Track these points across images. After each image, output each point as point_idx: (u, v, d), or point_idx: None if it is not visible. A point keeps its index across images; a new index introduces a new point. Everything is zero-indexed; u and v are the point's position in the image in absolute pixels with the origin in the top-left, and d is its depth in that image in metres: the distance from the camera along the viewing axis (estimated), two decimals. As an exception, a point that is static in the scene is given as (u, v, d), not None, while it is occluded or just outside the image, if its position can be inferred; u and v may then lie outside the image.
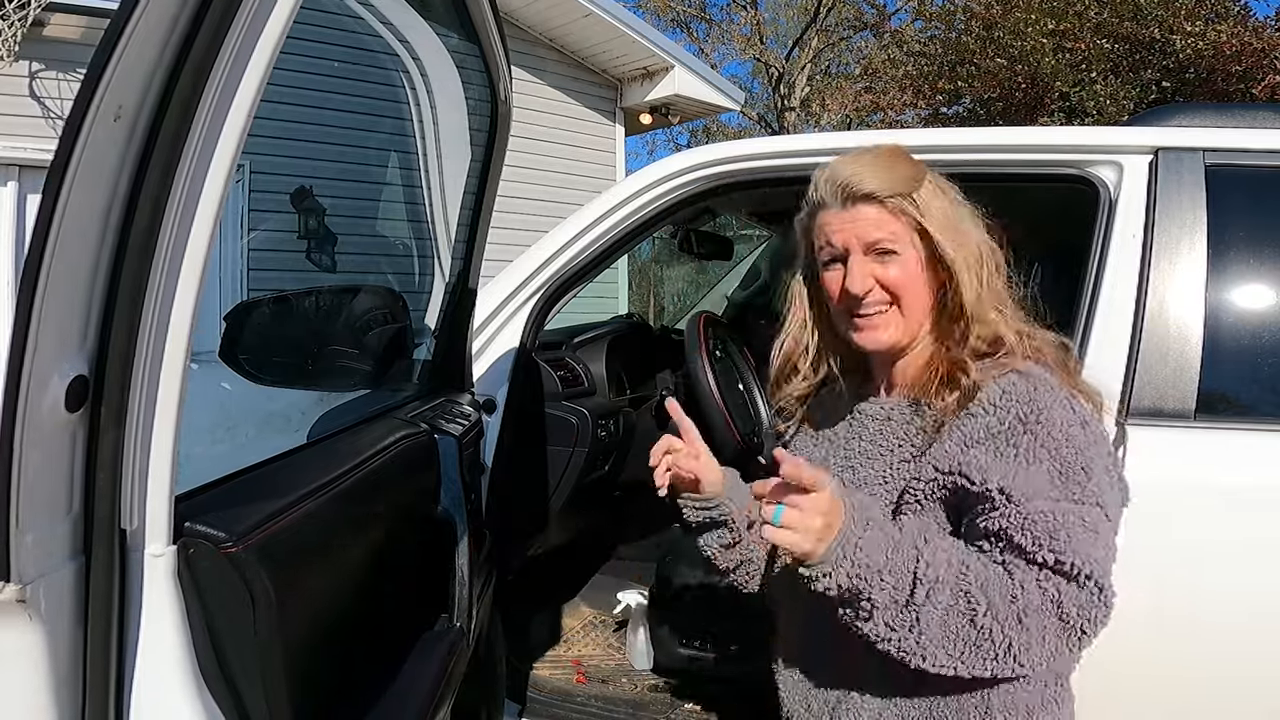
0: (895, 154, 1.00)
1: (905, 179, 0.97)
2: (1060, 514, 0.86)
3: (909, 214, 0.97)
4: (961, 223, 0.99)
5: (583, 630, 2.32)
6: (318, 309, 1.47)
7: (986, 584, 0.85)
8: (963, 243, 0.97)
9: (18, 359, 0.60)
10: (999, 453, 0.89)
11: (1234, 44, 6.75)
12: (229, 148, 0.70)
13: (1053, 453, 0.88)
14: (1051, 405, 0.90)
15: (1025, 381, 0.92)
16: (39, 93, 4.81)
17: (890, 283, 0.98)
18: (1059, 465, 0.88)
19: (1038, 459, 0.88)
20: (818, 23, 14.38)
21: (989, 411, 0.91)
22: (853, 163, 0.99)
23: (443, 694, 1.10)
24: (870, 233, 0.98)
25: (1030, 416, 0.89)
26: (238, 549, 0.76)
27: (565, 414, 2.01)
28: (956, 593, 0.85)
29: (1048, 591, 0.84)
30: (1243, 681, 1.37)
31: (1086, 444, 0.90)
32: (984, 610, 0.84)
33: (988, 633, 0.84)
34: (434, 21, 1.47)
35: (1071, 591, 0.84)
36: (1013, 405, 0.90)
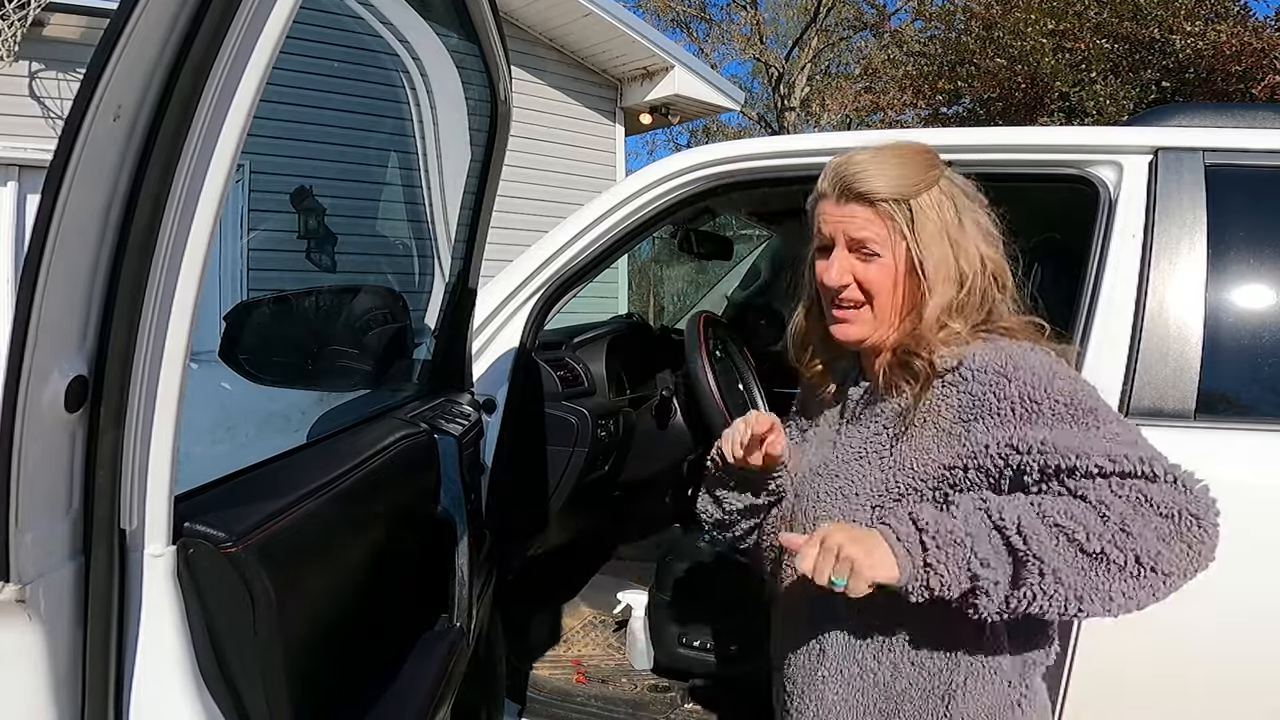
0: (907, 155, 1.00)
1: (906, 184, 0.98)
2: (1088, 437, 0.86)
3: (897, 220, 0.97)
4: (960, 235, 0.98)
5: (583, 630, 2.32)
6: (318, 309, 1.47)
7: (1070, 512, 0.83)
8: (947, 257, 0.97)
9: (17, 358, 0.60)
10: (995, 413, 0.90)
11: (1234, 44, 6.75)
12: (229, 147, 0.70)
13: (1046, 390, 0.89)
14: (1024, 354, 0.93)
15: (994, 346, 0.95)
16: (39, 93, 4.81)
17: (867, 282, 1.00)
18: (1058, 401, 0.89)
19: (1035, 401, 0.89)
20: (818, 23, 14.38)
21: (969, 378, 0.93)
22: (861, 159, 1.00)
23: (443, 694, 1.10)
24: (855, 231, 0.99)
25: (1008, 368, 0.91)
26: (237, 549, 0.76)
27: (565, 414, 2.01)
28: (1051, 532, 0.83)
29: (1130, 496, 0.82)
30: (1243, 682, 1.38)
31: (1070, 377, 0.92)
32: (1085, 535, 0.82)
33: (1105, 556, 0.81)
34: (434, 21, 1.47)
35: (1152, 489, 0.83)
36: (989, 365, 0.92)
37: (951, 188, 1.01)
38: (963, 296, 0.97)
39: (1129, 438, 0.87)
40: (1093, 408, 0.89)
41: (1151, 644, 1.38)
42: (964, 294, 0.97)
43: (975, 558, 0.84)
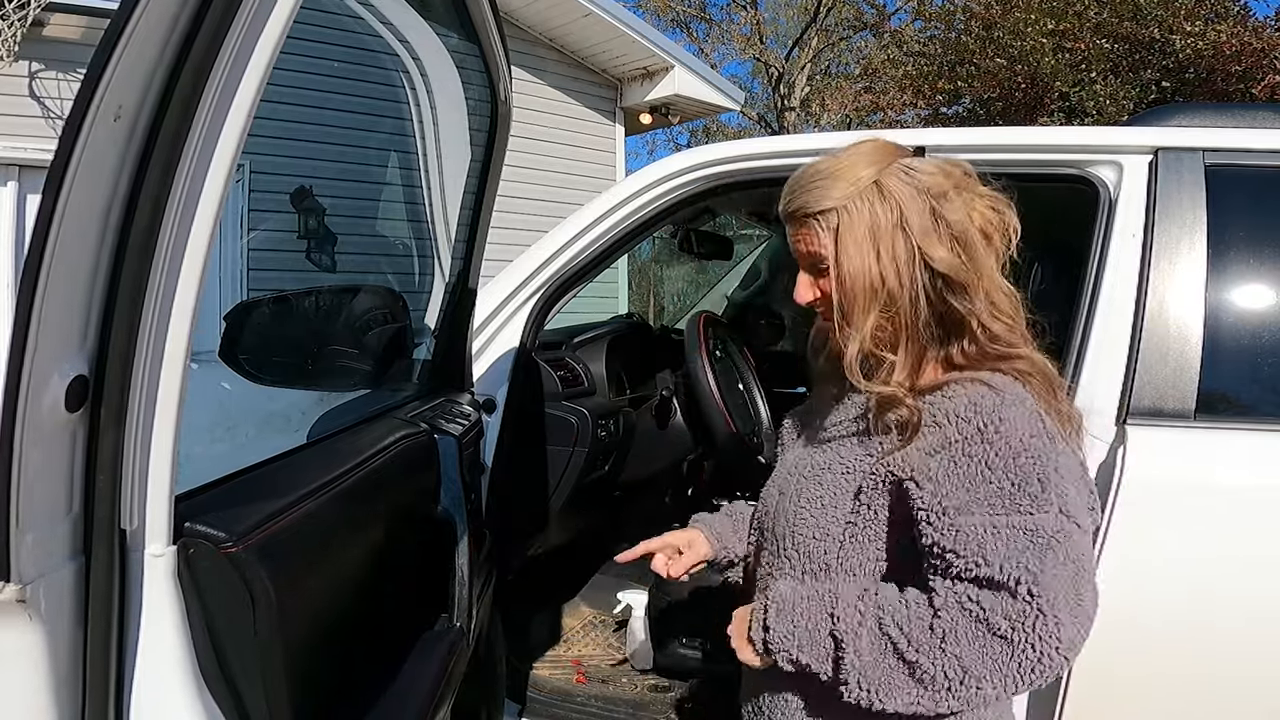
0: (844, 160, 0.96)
1: (832, 192, 0.94)
2: (998, 527, 0.83)
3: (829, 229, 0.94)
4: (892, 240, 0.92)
5: (583, 630, 2.32)
6: (318, 309, 1.47)
7: (903, 619, 0.85)
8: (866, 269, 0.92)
9: (18, 359, 0.60)
10: (954, 461, 0.87)
11: (1234, 44, 6.75)
12: (229, 147, 0.70)
13: (1007, 462, 0.85)
14: (1015, 418, 0.87)
15: (993, 395, 0.88)
16: (39, 93, 4.81)
17: (825, 298, 0.98)
18: (1011, 475, 0.84)
19: (990, 468, 0.85)
20: (818, 23, 14.38)
21: (950, 423, 0.88)
22: (798, 176, 0.99)
23: (443, 694, 1.10)
24: (800, 248, 0.99)
25: (989, 427, 0.86)
26: (238, 549, 0.76)
27: (565, 414, 2.01)
28: (874, 635, 0.87)
29: (970, 610, 0.82)
30: (1243, 682, 1.37)
31: (1045, 454, 0.86)
32: (905, 644, 0.84)
33: (920, 666, 0.84)
34: (434, 21, 1.47)
35: (1000, 603, 0.81)
36: (975, 417, 0.87)
37: (897, 183, 0.93)
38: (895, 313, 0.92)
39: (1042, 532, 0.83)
40: (1033, 494, 0.84)
41: (1152, 644, 1.38)
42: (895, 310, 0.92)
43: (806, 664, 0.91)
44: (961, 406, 0.88)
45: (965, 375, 0.92)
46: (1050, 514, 0.83)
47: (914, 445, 0.90)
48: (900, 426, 0.91)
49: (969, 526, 0.84)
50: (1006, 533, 0.83)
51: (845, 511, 0.96)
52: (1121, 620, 1.35)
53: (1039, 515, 0.83)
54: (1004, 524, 0.83)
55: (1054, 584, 0.80)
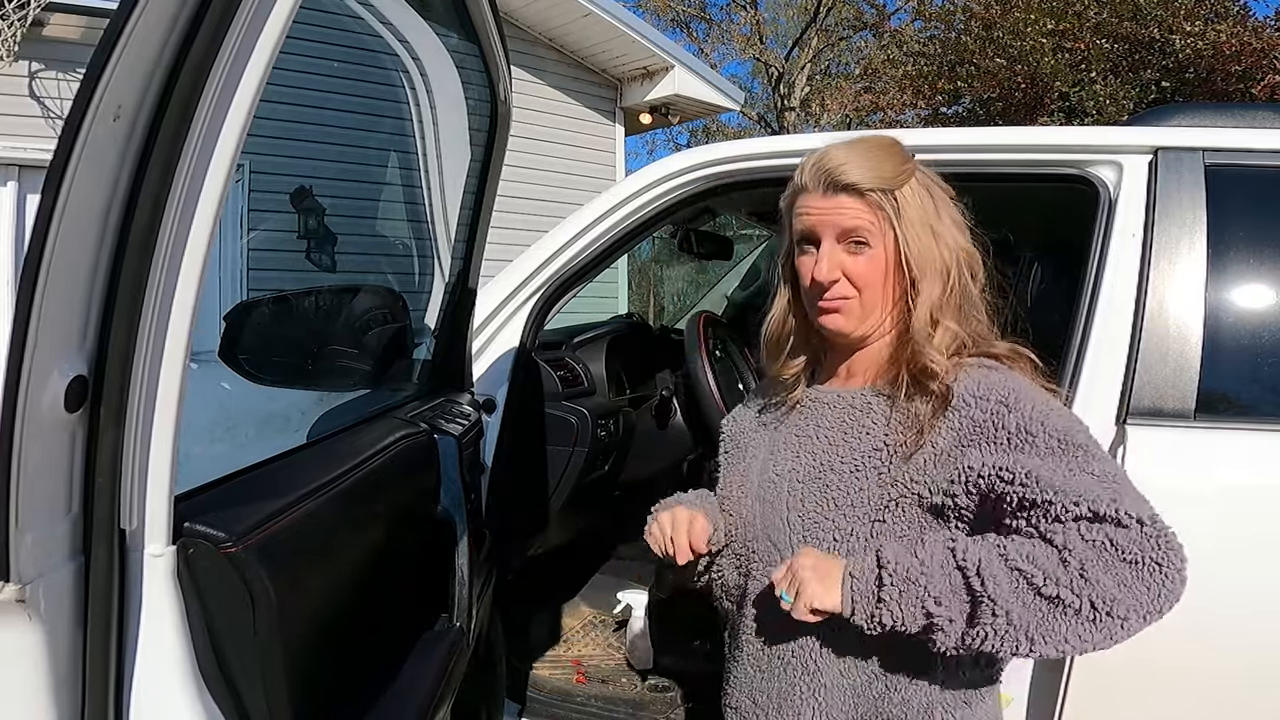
0: (885, 147, 1.00)
1: (890, 173, 0.97)
2: (1078, 474, 0.87)
3: (886, 210, 0.96)
4: (940, 226, 0.98)
5: (583, 630, 2.32)
6: (318, 309, 1.47)
7: (1032, 556, 0.85)
8: (931, 247, 0.97)
9: (17, 358, 0.60)
10: (992, 440, 0.90)
11: (1233, 44, 6.75)
12: (229, 147, 0.70)
13: (1043, 423, 0.89)
14: (1025, 386, 0.94)
15: (996, 371, 0.95)
16: (39, 93, 4.81)
17: (856, 275, 0.98)
18: (1055, 434, 0.89)
19: (1030, 434, 0.89)
20: (817, 23, 14.38)
21: (971, 404, 0.92)
22: (842, 150, 0.99)
23: (443, 694, 1.10)
24: (844, 222, 0.98)
25: (1011, 398, 0.91)
26: (237, 549, 0.76)
27: (565, 414, 2.01)
28: (1010, 573, 0.85)
29: (1096, 541, 0.83)
30: (1243, 681, 1.37)
31: (1065, 413, 0.93)
32: (1042, 579, 0.84)
33: (1061, 600, 0.83)
34: (434, 21, 1.47)
35: (1122, 536, 0.83)
36: (992, 393, 0.92)
37: (925, 179, 1.00)
38: (949, 290, 0.97)
39: (1110, 480, 0.87)
40: (1083, 444, 0.89)
41: (1152, 644, 1.38)
42: (949, 286, 0.97)
43: (930, 596, 0.87)
44: (974, 385, 0.93)
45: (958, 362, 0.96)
46: (1104, 461, 0.89)
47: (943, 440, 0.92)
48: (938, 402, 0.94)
49: (1056, 478, 0.86)
50: (1089, 479, 0.86)
51: (865, 507, 0.96)
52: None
53: (1098, 463, 0.88)
54: (1081, 471, 0.87)
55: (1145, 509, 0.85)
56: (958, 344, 0.97)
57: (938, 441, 0.93)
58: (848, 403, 1.03)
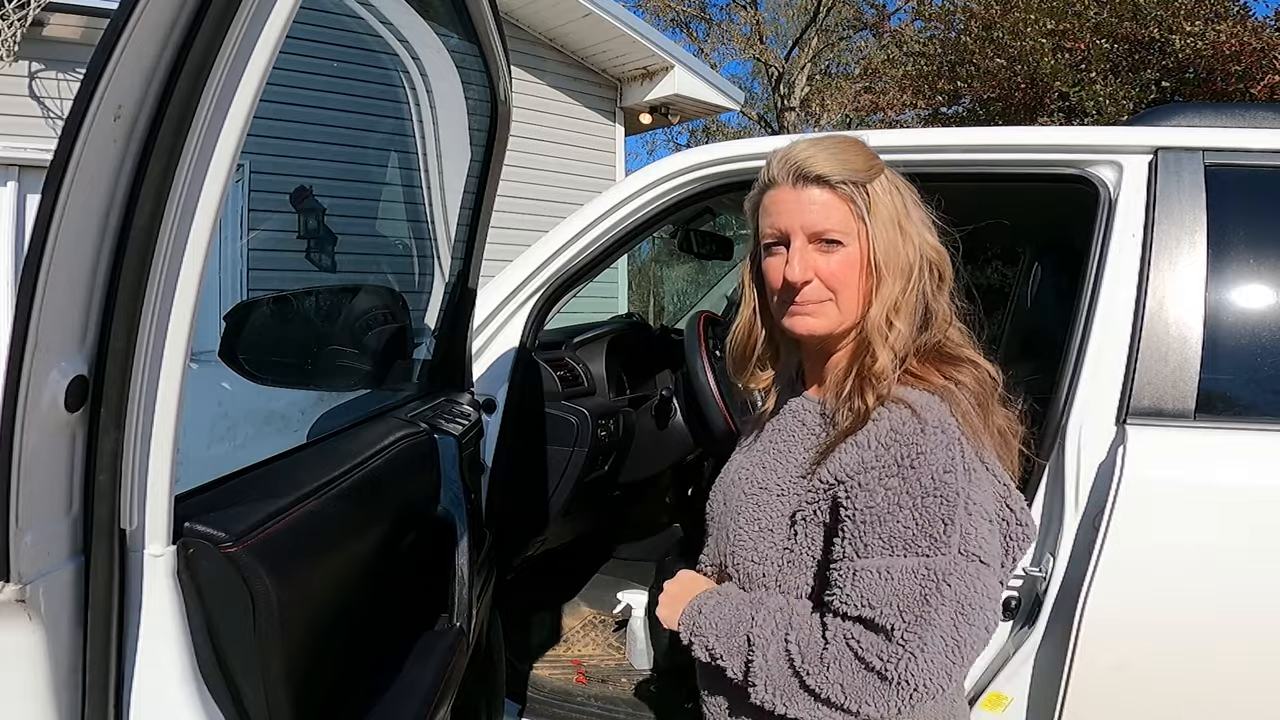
0: (853, 143, 0.97)
1: (860, 167, 0.94)
2: (891, 570, 0.85)
3: (857, 204, 0.93)
4: (908, 224, 0.95)
5: (583, 630, 2.32)
6: (318, 309, 1.47)
7: (804, 640, 0.90)
8: (898, 245, 0.93)
9: (17, 358, 0.60)
10: (870, 491, 0.87)
11: (1233, 44, 6.75)
12: (228, 147, 0.70)
13: (917, 502, 0.85)
14: (934, 449, 0.87)
15: (915, 422, 0.88)
16: (39, 92, 4.81)
17: (828, 276, 0.94)
18: (917, 517, 0.85)
19: (900, 506, 0.86)
20: (817, 23, 14.38)
21: (871, 447, 0.88)
22: (810, 145, 0.95)
23: (443, 694, 1.10)
24: (816, 221, 0.93)
25: (907, 459, 0.86)
26: (237, 549, 0.76)
27: (565, 414, 2.01)
28: (781, 648, 0.91)
29: (852, 647, 0.87)
30: (1243, 681, 1.37)
31: (956, 492, 0.86)
32: (800, 662, 0.89)
33: (810, 686, 0.89)
34: (434, 21, 1.47)
35: (877, 644, 0.85)
36: (894, 446, 0.87)
37: (894, 177, 0.97)
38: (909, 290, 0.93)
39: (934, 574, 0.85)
40: (935, 535, 0.85)
41: (1151, 644, 1.38)
42: (909, 287, 0.93)
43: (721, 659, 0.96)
44: (884, 431, 0.88)
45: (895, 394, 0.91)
46: (947, 555, 0.85)
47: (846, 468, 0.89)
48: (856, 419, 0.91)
49: (864, 569, 0.87)
50: (898, 575, 0.85)
51: (782, 537, 0.96)
52: (1121, 620, 1.35)
53: (934, 557, 0.85)
54: (898, 567, 0.86)
55: (930, 627, 0.84)
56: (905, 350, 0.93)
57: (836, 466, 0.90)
58: (806, 412, 1.00)
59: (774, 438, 1.02)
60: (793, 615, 0.93)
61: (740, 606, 0.96)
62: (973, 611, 0.86)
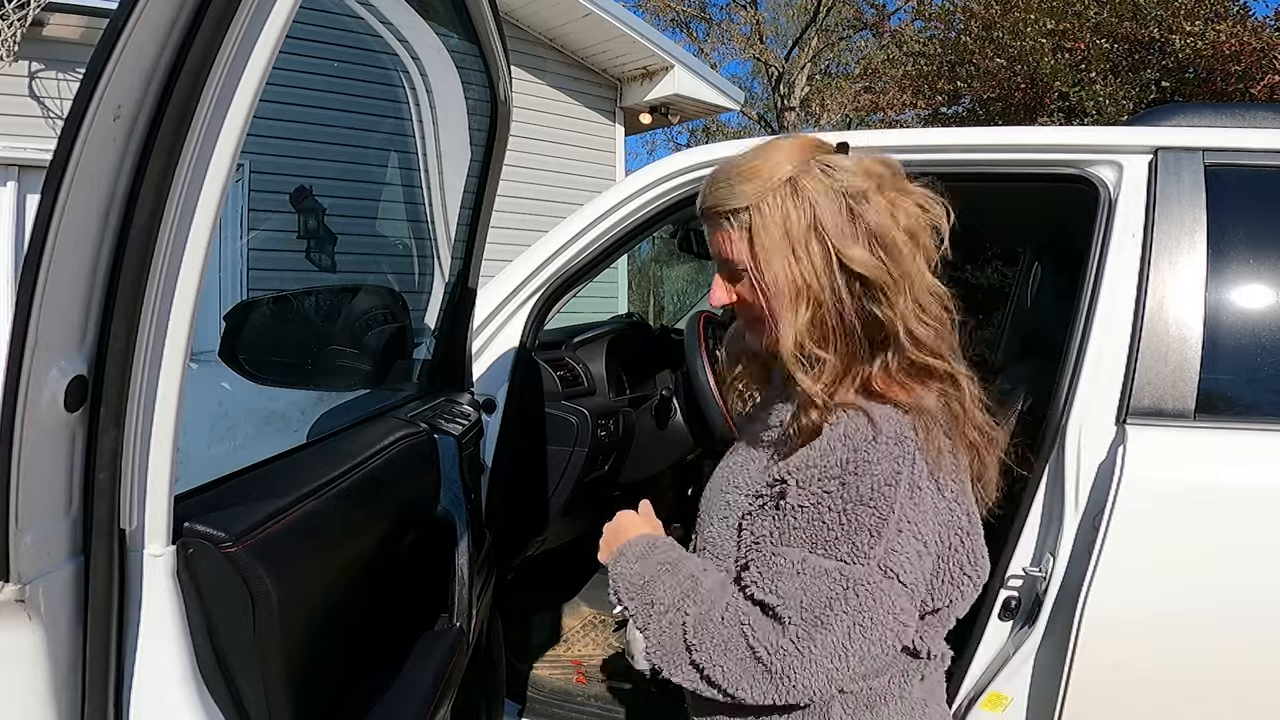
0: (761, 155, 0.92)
1: (749, 190, 0.89)
2: (805, 565, 0.85)
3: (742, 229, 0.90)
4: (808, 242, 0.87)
5: (583, 630, 2.32)
6: (317, 309, 1.48)
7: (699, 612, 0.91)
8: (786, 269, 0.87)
9: (17, 358, 0.60)
10: (806, 486, 0.86)
11: (1233, 44, 6.75)
12: (228, 147, 0.70)
13: (850, 508, 0.84)
14: (879, 460, 0.84)
15: (868, 429, 0.86)
16: (38, 92, 4.81)
17: (741, 299, 0.95)
18: (846, 522, 0.84)
19: (830, 509, 0.84)
20: (817, 23, 14.39)
21: (819, 448, 0.87)
22: (715, 171, 0.95)
23: (443, 693, 1.10)
24: (718, 249, 0.95)
25: (850, 465, 0.84)
26: (237, 549, 0.76)
27: (565, 414, 2.01)
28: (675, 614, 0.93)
29: (743, 629, 0.87)
30: (1243, 681, 1.37)
31: (893, 507, 0.84)
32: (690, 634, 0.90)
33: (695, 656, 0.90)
34: (434, 21, 1.47)
35: (768, 633, 0.86)
36: (841, 450, 0.85)
37: (814, 183, 0.88)
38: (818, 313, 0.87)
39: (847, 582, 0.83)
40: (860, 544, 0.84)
41: (1152, 644, 1.38)
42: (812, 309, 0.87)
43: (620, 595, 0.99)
44: (837, 435, 0.86)
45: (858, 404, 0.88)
46: (865, 566, 0.83)
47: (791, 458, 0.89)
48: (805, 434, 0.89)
49: (781, 559, 0.86)
50: (810, 573, 0.84)
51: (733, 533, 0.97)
52: (1121, 620, 1.35)
53: (851, 565, 0.84)
54: (812, 565, 0.85)
55: (824, 631, 0.83)
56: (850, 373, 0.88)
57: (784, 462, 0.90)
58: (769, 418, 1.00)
59: (751, 439, 1.03)
60: (699, 588, 0.94)
61: (659, 565, 0.98)
62: (872, 627, 0.84)
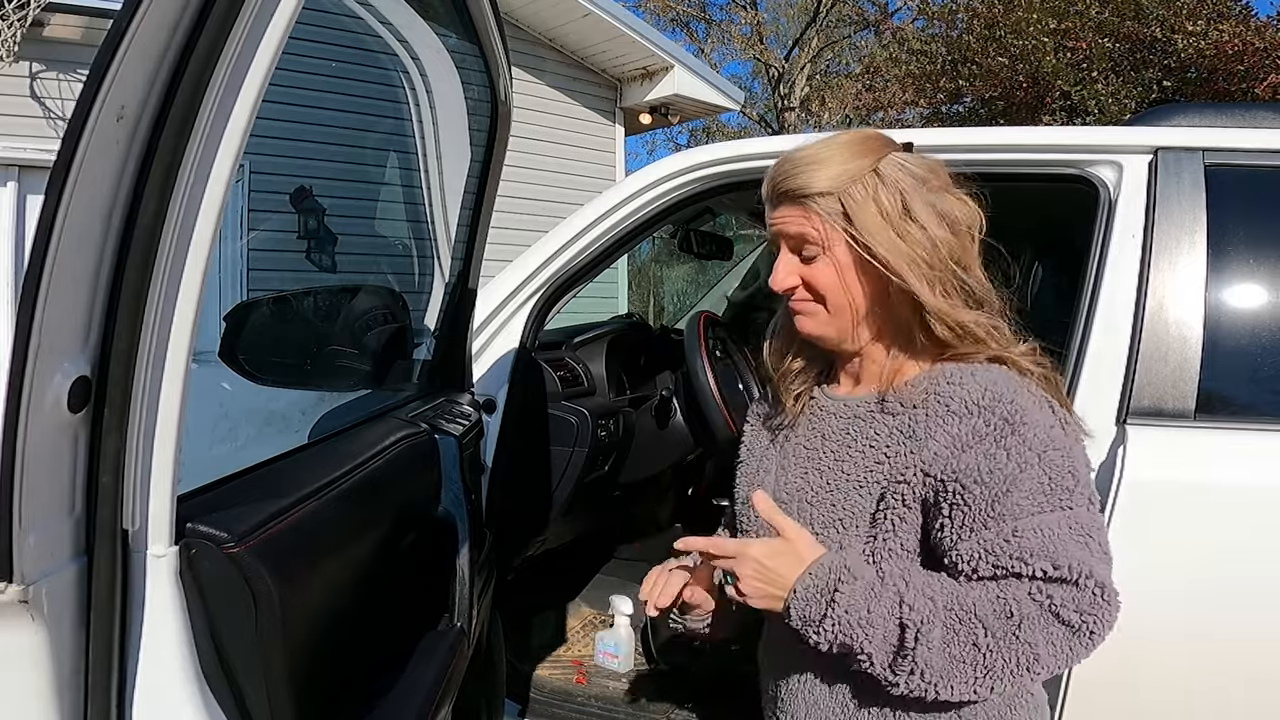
0: (839, 146, 0.96)
1: (831, 175, 0.94)
2: (1049, 525, 0.86)
3: (830, 214, 0.94)
4: (906, 224, 0.93)
5: (583, 630, 2.32)
6: (317, 309, 1.48)
7: (979, 607, 0.86)
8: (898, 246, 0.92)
9: (20, 359, 0.60)
10: (990, 456, 0.88)
11: (1236, 43, 6.75)
12: (231, 148, 0.70)
13: (1040, 455, 0.87)
14: (1032, 406, 0.90)
15: (1006, 381, 0.91)
16: (39, 93, 4.82)
17: (813, 281, 0.97)
18: (1046, 471, 0.87)
19: (1027, 463, 0.87)
20: (818, 22, 14.39)
21: (974, 413, 0.89)
22: (790, 159, 0.97)
23: (443, 694, 1.10)
24: (791, 235, 0.98)
25: (1015, 417, 0.88)
26: (239, 549, 0.76)
27: (565, 414, 2.01)
28: (950, 625, 0.86)
29: (1042, 602, 0.85)
30: (1242, 682, 1.38)
31: (1069, 446, 0.90)
32: (983, 633, 0.85)
33: (994, 654, 0.85)
34: (434, 21, 1.47)
35: (1069, 595, 0.85)
36: (998, 406, 0.89)
37: (896, 172, 0.94)
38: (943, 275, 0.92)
39: (1083, 526, 0.87)
40: (1069, 488, 0.88)
41: (1151, 645, 1.38)
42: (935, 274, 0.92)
43: (862, 645, 0.87)
44: (979, 394, 0.90)
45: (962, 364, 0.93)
46: (1084, 507, 0.88)
47: (940, 442, 0.90)
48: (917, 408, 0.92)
49: (1026, 530, 0.86)
50: (1057, 530, 0.86)
51: (866, 527, 0.95)
52: (1121, 620, 1.35)
53: (1077, 510, 0.88)
54: (1053, 522, 0.87)
55: (1104, 573, 0.87)
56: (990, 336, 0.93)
57: (930, 446, 0.91)
58: (853, 412, 1.00)
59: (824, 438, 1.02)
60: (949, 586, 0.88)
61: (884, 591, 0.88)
62: (1109, 558, 0.89)
